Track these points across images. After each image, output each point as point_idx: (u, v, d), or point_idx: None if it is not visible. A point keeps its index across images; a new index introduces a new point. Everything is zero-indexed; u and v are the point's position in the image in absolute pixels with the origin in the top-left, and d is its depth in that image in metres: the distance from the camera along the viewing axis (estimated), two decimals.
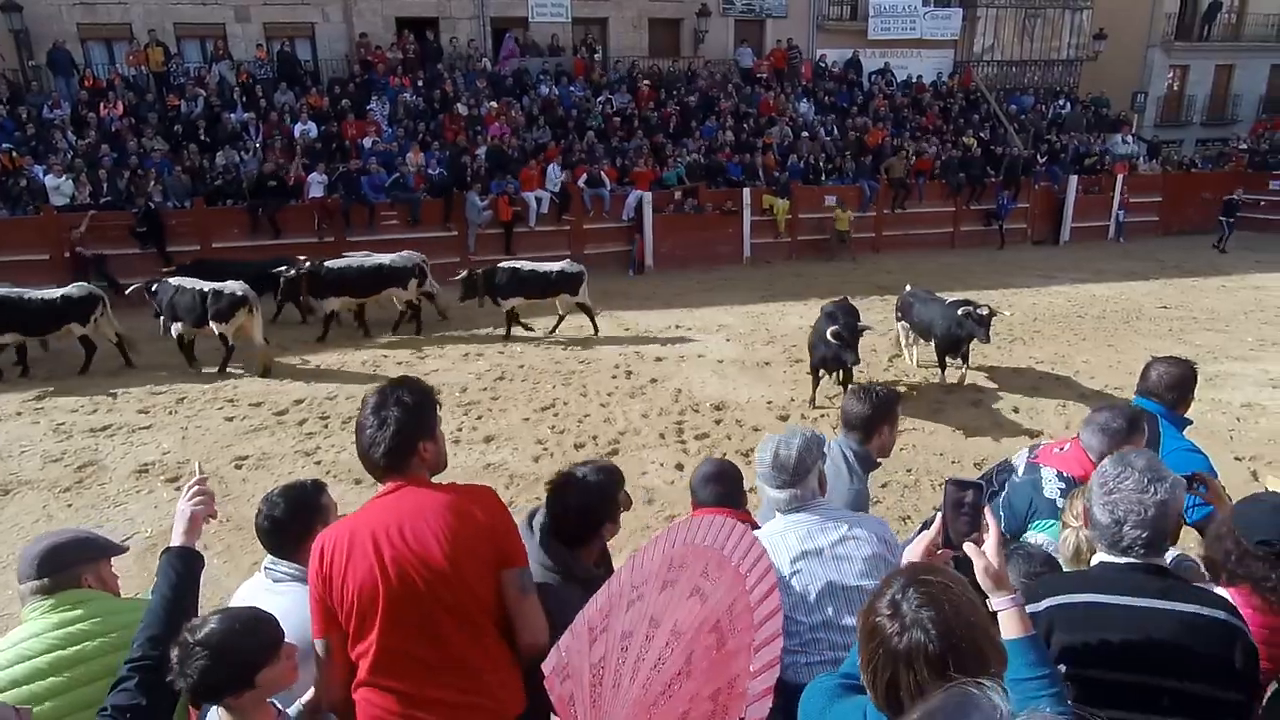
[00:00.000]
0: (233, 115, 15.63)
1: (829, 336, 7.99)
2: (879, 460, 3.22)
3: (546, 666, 1.33)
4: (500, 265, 11.55)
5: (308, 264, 11.08)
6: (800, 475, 2.24)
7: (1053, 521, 2.76)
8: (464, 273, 11.48)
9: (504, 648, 2.19)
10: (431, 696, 2.09)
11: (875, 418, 3.12)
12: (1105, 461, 1.97)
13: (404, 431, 2.17)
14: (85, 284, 10.14)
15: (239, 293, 9.61)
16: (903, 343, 10.02)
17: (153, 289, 10.10)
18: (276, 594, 2.34)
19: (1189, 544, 3.11)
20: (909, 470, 6.89)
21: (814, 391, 8.62)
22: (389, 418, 2.17)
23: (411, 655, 2.09)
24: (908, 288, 9.97)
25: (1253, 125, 24.44)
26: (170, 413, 8.42)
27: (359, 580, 2.06)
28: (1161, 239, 19.44)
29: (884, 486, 6.63)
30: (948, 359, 9.02)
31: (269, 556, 2.46)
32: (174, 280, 10.04)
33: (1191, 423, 3.44)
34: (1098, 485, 1.92)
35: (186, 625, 1.91)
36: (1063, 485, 2.84)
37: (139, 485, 6.75)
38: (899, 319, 9.94)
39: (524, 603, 2.18)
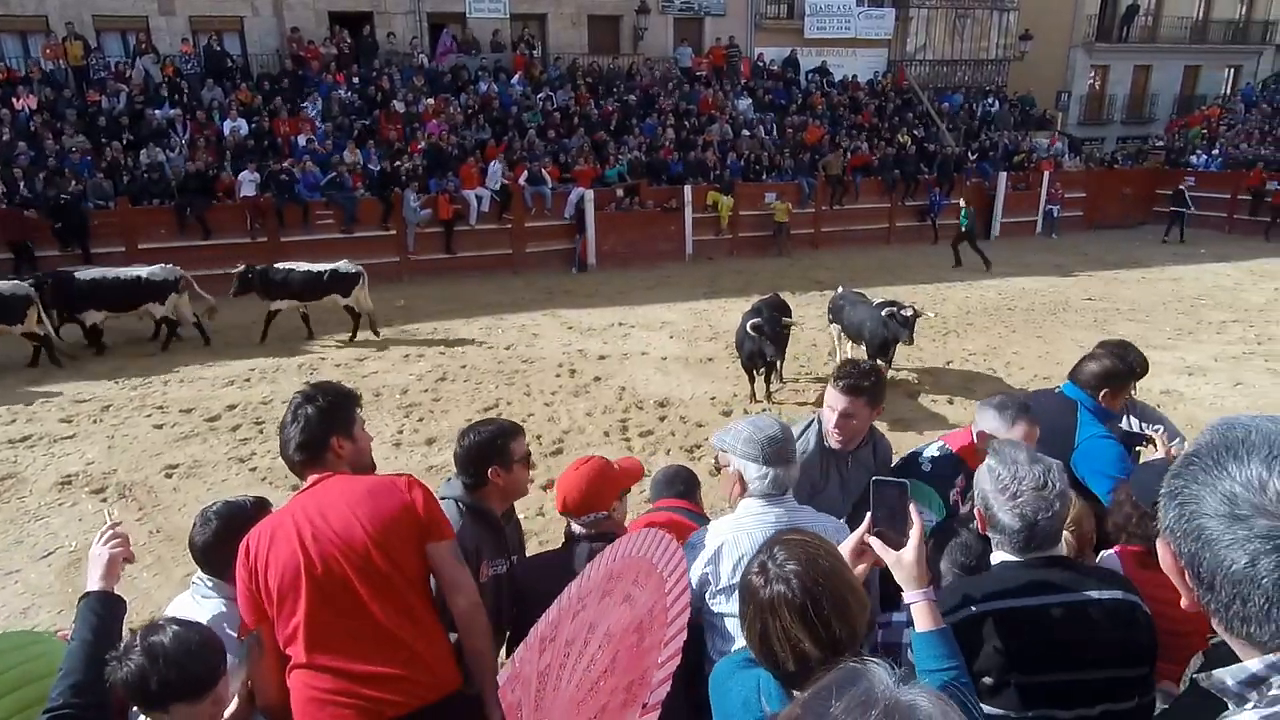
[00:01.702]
0: (157, 112, 15.08)
1: (749, 330, 8.08)
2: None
3: (501, 678, 1.41)
4: (275, 265, 11.18)
5: (49, 277, 10.25)
6: (783, 460, 2.23)
7: (917, 481, 2.87)
8: (240, 267, 10.98)
9: (435, 621, 2.25)
10: (366, 671, 2.11)
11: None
12: (990, 463, 1.94)
13: (316, 426, 2.28)
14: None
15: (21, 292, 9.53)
16: (836, 346, 9.94)
17: None
18: (197, 607, 2.32)
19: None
20: None
21: (752, 387, 8.66)
22: (302, 414, 2.29)
23: (341, 629, 2.11)
24: (839, 289, 9.95)
25: (1168, 123, 25.55)
26: (95, 421, 8.10)
27: (281, 563, 2.11)
28: (1085, 233, 20.17)
29: None
30: (879, 361, 8.99)
31: (199, 571, 2.41)
32: None
33: (1119, 418, 3.40)
34: (995, 490, 1.88)
35: (145, 626, 1.88)
36: (936, 454, 2.96)
37: (61, 498, 6.48)
38: (830, 321, 9.90)
39: (458, 571, 2.25)
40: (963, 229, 15.87)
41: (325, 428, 2.29)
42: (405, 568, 2.17)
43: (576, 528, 2.57)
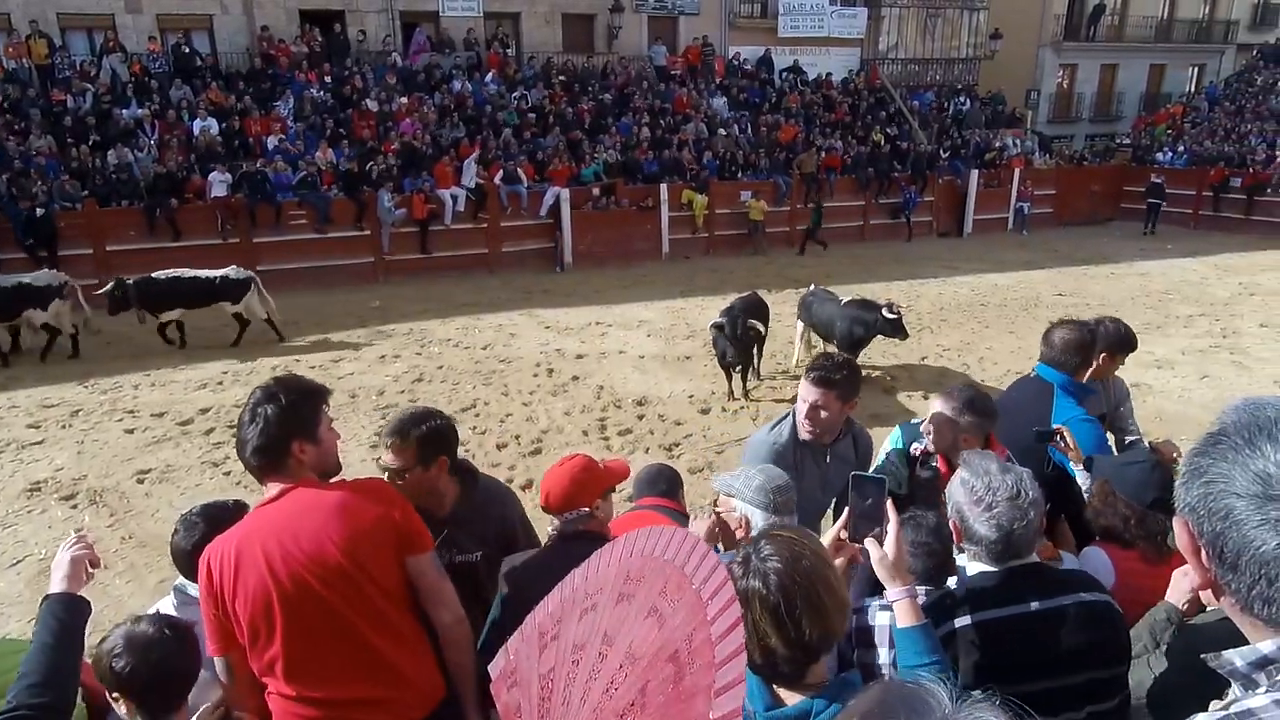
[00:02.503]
0: (125, 111, 14.83)
1: (710, 327, 8.15)
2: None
3: (493, 669, 1.25)
4: (154, 275, 10.58)
5: None
6: (789, 510, 2.27)
7: (882, 454, 3.09)
8: (110, 284, 10.41)
9: (418, 634, 2.16)
10: (351, 697, 2.05)
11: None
12: (962, 474, 1.94)
13: (275, 429, 2.07)
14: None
15: None
16: (798, 342, 9.90)
17: None
18: (177, 615, 2.27)
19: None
20: None
21: (730, 385, 8.65)
22: (260, 414, 2.08)
23: (321, 659, 2.02)
24: (811, 287, 9.96)
25: (1134, 121, 25.99)
26: (64, 426, 7.96)
27: (249, 592, 1.98)
28: (1055, 230, 20.45)
29: None
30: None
31: (180, 578, 2.36)
32: None
33: (1095, 393, 3.43)
34: (970, 502, 1.89)
35: (135, 618, 1.87)
36: (897, 431, 3.11)
37: (30, 505, 6.36)
38: (799, 318, 9.86)
39: (440, 584, 2.18)
40: (811, 223, 17.47)
41: (285, 430, 2.08)
42: (384, 583, 2.07)
43: (557, 526, 2.53)
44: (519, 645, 1.17)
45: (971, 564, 1.94)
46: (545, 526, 2.70)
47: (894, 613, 1.76)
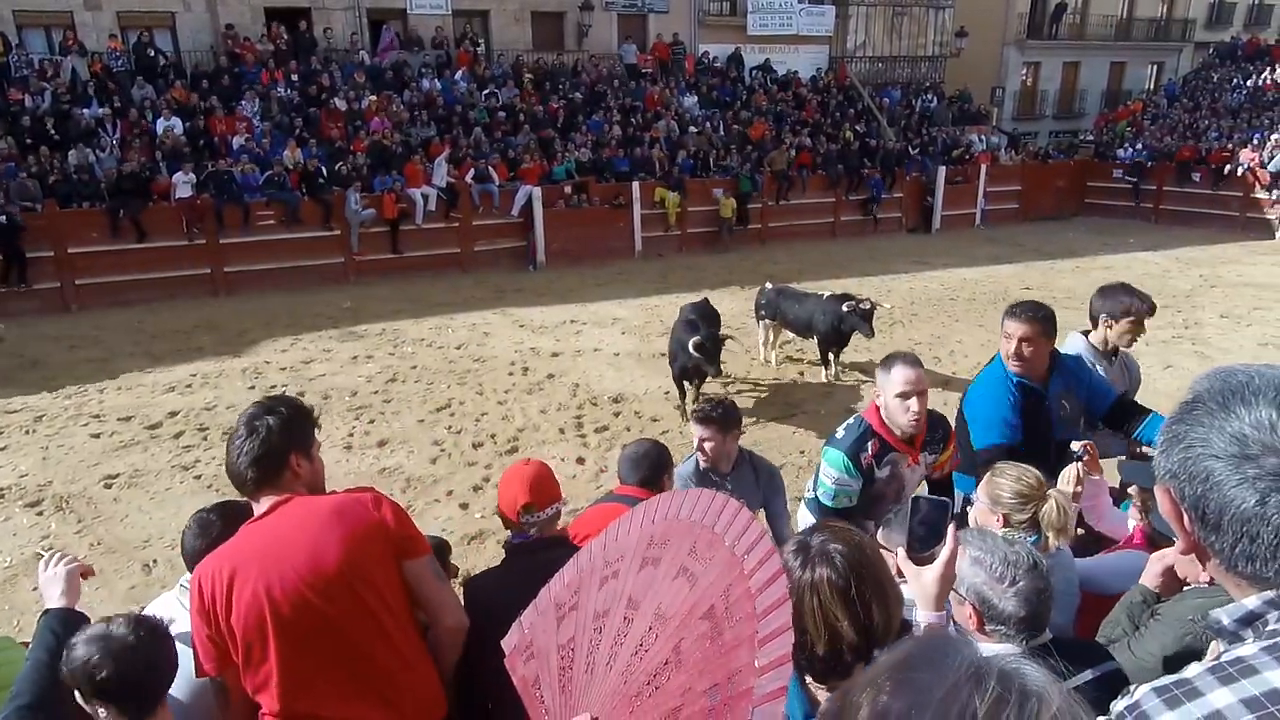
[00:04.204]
0: (85, 111, 14.51)
1: (690, 348, 7.51)
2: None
3: (508, 644, 1.19)
4: None
5: None
6: None
7: (826, 448, 3.20)
8: None
9: (418, 650, 2.12)
10: (348, 716, 1.99)
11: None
12: (972, 554, 1.85)
13: (275, 440, 2.06)
14: None
15: None
16: (762, 341, 9.78)
17: None
18: (183, 611, 2.19)
19: None
20: (802, 452, 7.15)
21: (683, 402, 8.05)
22: (260, 427, 2.07)
23: (317, 676, 1.97)
24: (768, 285, 9.80)
25: (1096, 118, 26.47)
26: (27, 432, 7.79)
27: (243, 607, 1.93)
28: (1021, 225, 20.77)
29: (781, 468, 6.84)
30: (830, 353, 9.06)
31: (185, 576, 2.29)
32: None
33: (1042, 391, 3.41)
34: (991, 580, 1.81)
35: (105, 620, 1.81)
36: (850, 421, 3.24)
37: None
38: (761, 317, 9.65)
39: (442, 590, 2.14)
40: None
41: (285, 442, 2.07)
42: (383, 592, 2.02)
43: (534, 523, 2.46)
44: (534, 618, 1.14)
45: (989, 648, 1.80)
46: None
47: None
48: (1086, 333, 3.89)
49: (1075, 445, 2.79)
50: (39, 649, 1.85)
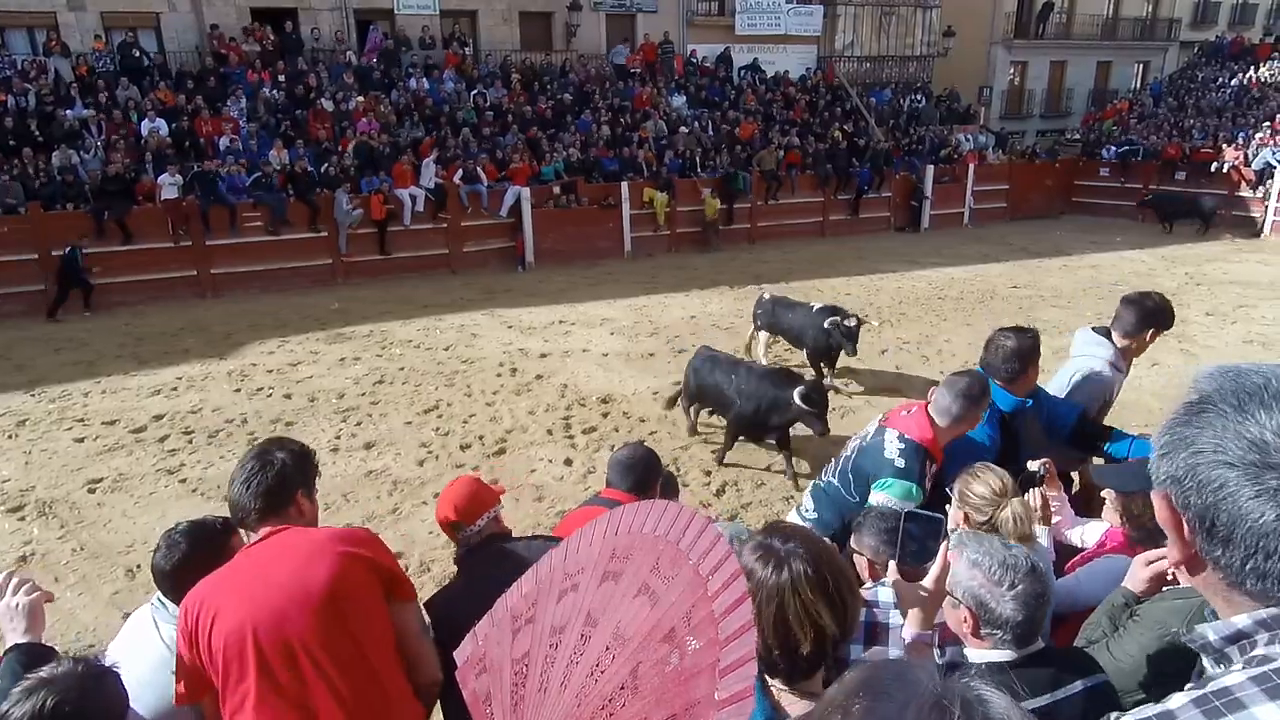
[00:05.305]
0: (69, 112, 14.40)
1: (798, 399, 6.12)
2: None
3: (460, 656, 1.14)
4: None
5: None
6: None
7: (892, 480, 2.87)
8: None
9: (401, 681, 2.09)
10: None
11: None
12: (969, 557, 1.83)
13: (288, 474, 2.14)
14: None
15: None
16: (755, 348, 9.52)
17: None
18: (155, 632, 2.17)
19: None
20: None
21: (692, 421, 7.59)
22: (274, 460, 2.15)
23: (295, 704, 1.94)
24: (765, 294, 9.51)
25: (1083, 116, 26.60)
26: (9, 436, 7.71)
27: (226, 628, 1.92)
28: (1009, 224, 20.86)
29: (766, 468, 6.86)
30: (822, 365, 8.73)
31: (158, 594, 2.26)
32: None
33: (1028, 403, 3.33)
34: (989, 584, 1.77)
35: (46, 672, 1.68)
36: (901, 446, 2.91)
37: None
38: (758, 326, 9.44)
39: (422, 643, 2.15)
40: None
41: (295, 478, 2.16)
42: (370, 626, 2.01)
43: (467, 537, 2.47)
44: (488, 630, 1.08)
45: (981, 655, 1.83)
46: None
47: (907, 653, 1.73)
48: (1098, 330, 3.74)
49: (1033, 464, 2.76)
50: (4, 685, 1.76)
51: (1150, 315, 3.62)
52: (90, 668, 1.73)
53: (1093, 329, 3.82)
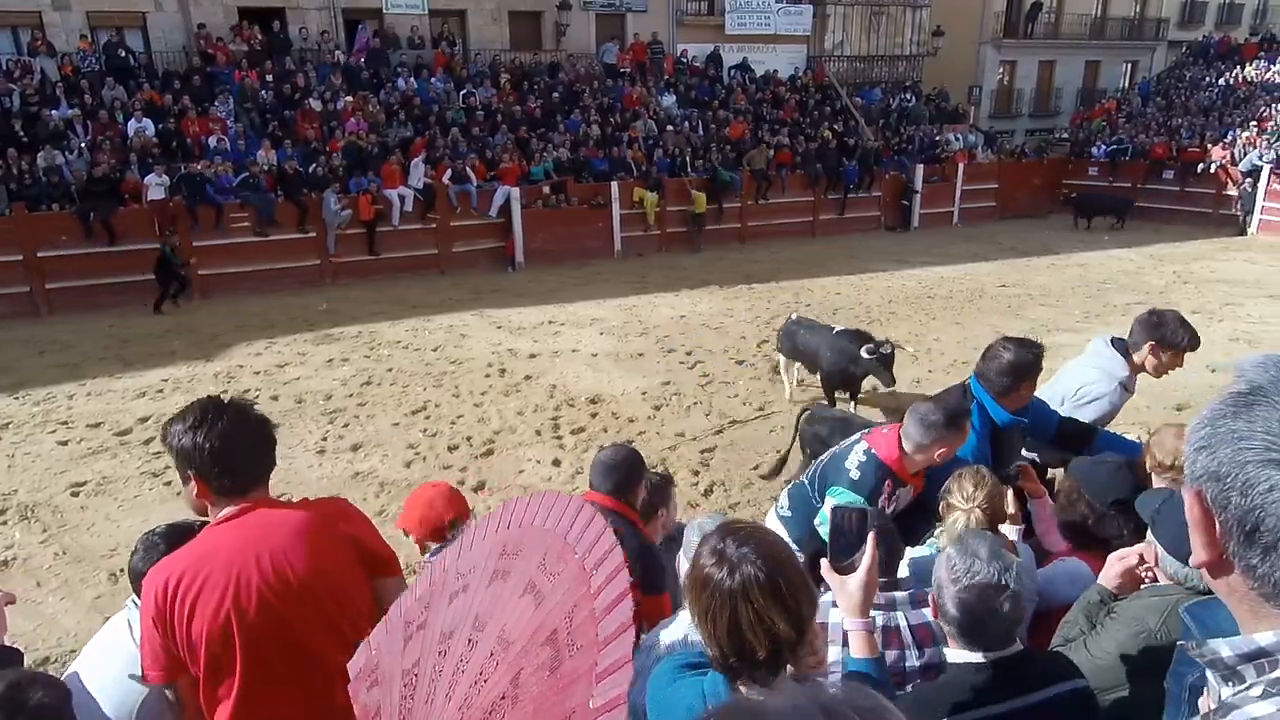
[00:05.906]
0: (54, 112, 14.28)
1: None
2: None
3: (353, 667, 1.09)
4: None
5: None
6: None
7: (843, 490, 2.86)
8: None
9: None
10: None
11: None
12: (950, 550, 1.87)
13: (269, 439, 2.04)
14: None
15: None
16: (784, 375, 8.61)
17: None
18: (130, 634, 2.13)
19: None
20: (776, 451, 7.13)
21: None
22: (257, 421, 2.03)
23: (285, 693, 1.90)
24: (792, 316, 8.64)
25: (1072, 116, 26.71)
26: None
27: (205, 618, 1.84)
28: (998, 223, 20.92)
29: (755, 467, 6.85)
30: (836, 394, 7.71)
31: (133, 596, 2.22)
32: None
33: (1025, 422, 3.25)
34: (948, 578, 1.82)
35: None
36: (863, 459, 2.89)
37: None
38: (780, 351, 8.59)
39: None
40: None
41: (273, 444, 2.05)
42: (356, 603, 1.97)
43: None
44: (382, 637, 1.04)
45: (954, 653, 1.86)
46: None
47: (849, 645, 1.73)
48: (1113, 341, 3.64)
49: (1010, 468, 2.75)
50: None
51: (1146, 328, 3.52)
52: (24, 676, 1.71)
53: (1111, 341, 3.69)
